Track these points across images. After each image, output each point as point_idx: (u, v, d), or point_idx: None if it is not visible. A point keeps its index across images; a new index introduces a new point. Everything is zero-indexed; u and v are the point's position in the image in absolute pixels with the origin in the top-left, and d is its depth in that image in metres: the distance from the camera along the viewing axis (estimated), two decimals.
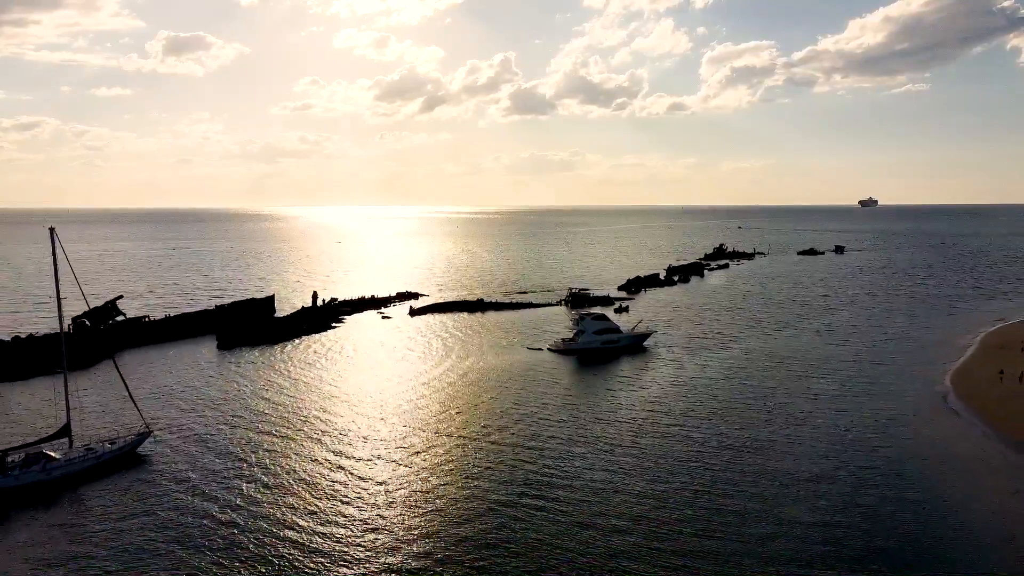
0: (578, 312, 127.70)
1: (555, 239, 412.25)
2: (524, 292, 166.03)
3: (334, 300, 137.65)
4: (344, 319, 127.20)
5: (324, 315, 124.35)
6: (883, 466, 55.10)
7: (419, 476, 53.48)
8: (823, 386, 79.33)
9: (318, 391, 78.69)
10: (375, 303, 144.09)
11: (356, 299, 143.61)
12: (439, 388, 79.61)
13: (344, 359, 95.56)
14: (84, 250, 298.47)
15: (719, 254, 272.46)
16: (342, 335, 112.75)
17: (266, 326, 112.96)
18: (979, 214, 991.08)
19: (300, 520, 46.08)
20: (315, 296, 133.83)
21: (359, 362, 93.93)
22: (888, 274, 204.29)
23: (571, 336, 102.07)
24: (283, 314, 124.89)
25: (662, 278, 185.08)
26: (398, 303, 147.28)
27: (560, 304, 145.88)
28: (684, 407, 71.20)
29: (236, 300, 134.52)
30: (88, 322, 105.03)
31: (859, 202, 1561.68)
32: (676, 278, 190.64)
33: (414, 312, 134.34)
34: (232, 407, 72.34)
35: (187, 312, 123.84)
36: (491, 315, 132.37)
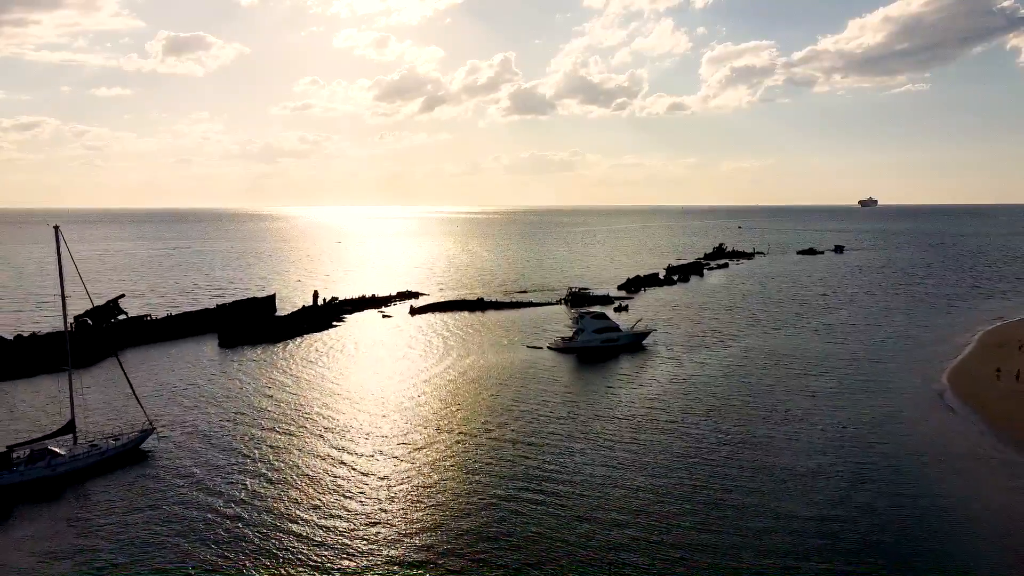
0: (578, 311, 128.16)
1: (555, 239, 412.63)
2: (524, 291, 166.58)
3: (335, 299, 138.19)
4: (345, 318, 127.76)
5: (325, 314, 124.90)
6: (879, 462, 55.67)
7: (420, 471, 54.06)
8: (821, 384, 79.90)
9: (320, 388, 79.25)
10: (376, 302, 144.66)
11: (357, 298, 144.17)
12: (440, 385, 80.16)
13: (345, 357, 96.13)
14: (85, 250, 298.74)
15: (719, 254, 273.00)
16: (343, 334, 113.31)
17: (267, 325, 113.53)
18: (979, 214, 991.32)
19: (303, 514, 46.68)
20: (316, 295, 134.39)
21: (360, 360, 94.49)
22: (887, 273, 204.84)
23: (571, 335, 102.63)
24: (284, 313, 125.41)
25: (662, 277, 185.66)
26: (398, 302, 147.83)
27: (560, 303, 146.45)
28: (683, 404, 71.76)
29: (237, 299, 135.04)
30: (90, 321, 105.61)
31: (859, 202, 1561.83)
32: (676, 277, 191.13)
33: (414, 311, 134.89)
34: (235, 404, 72.89)
35: (188, 311, 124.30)
36: (491, 314, 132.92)
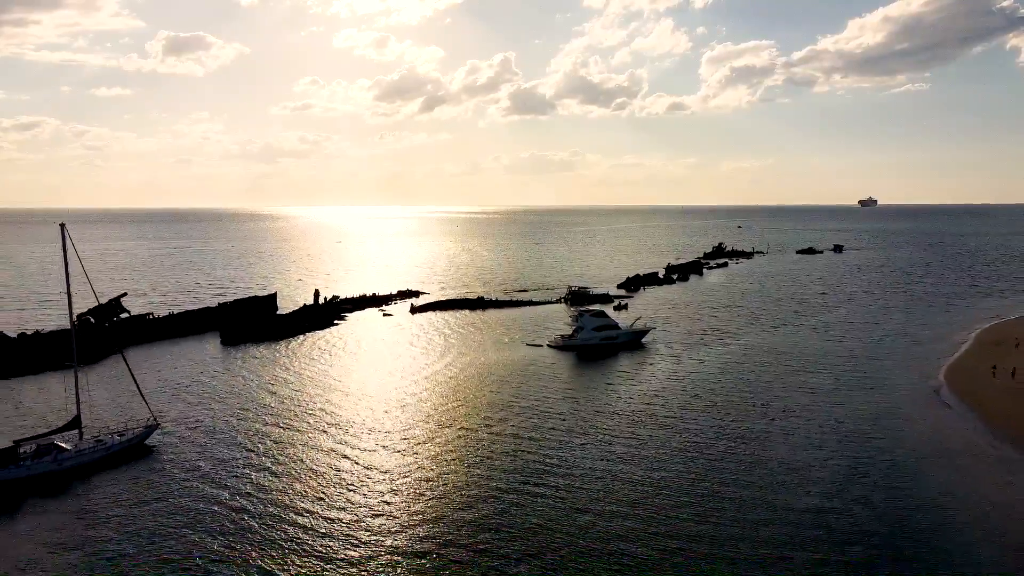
0: (577, 309, 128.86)
1: (555, 238, 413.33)
2: (524, 290, 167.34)
3: (336, 298, 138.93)
4: (346, 317, 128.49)
5: (326, 313, 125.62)
6: (876, 457, 56.41)
7: (422, 465, 54.79)
8: (819, 380, 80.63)
9: (322, 385, 79.97)
10: (376, 301, 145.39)
11: (357, 297, 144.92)
12: (441, 382, 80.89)
13: (347, 355, 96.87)
14: (86, 249, 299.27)
15: (718, 253, 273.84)
16: (344, 332, 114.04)
17: (269, 323, 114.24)
18: (978, 214, 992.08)
19: (308, 505, 47.44)
20: (317, 294, 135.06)
21: (362, 357, 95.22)
22: (886, 272, 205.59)
23: (570, 333, 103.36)
24: (286, 312, 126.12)
25: (661, 276, 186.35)
26: (399, 301, 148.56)
27: (560, 302, 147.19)
28: (681, 400, 72.50)
29: (239, 298, 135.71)
30: (93, 319, 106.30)
31: (859, 202, 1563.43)
32: (675, 276, 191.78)
33: (415, 310, 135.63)
34: (238, 400, 73.62)
35: (191, 309, 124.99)
36: (491, 313, 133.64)
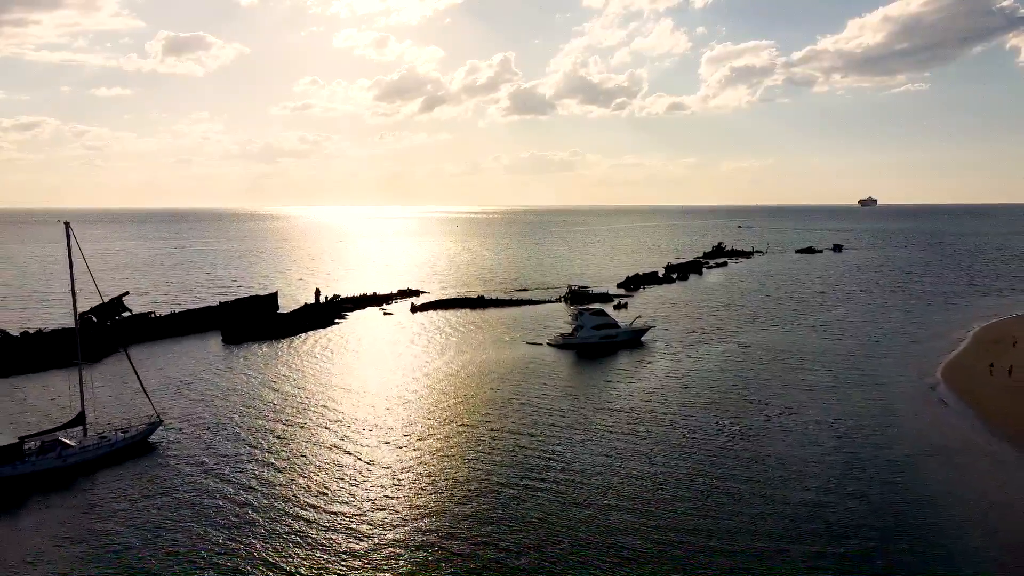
0: (577, 308, 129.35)
1: (555, 238, 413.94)
2: (524, 289, 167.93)
3: (336, 297, 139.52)
4: (347, 315, 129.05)
5: (327, 312, 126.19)
6: (873, 453, 56.97)
7: (423, 460, 55.38)
8: (817, 378, 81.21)
9: (324, 382, 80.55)
10: (377, 300, 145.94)
11: (358, 296, 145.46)
12: (441, 380, 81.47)
13: (348, 353, 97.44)
14: (87, 249, 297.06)
15: (718, 252, 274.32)
16: (345, 331, 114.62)
17: (270, 322, 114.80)
18: (978, 213, 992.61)
19: (311, 500, 48.03)
20: (318, 293, 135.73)
21: (363, 356, 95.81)
22: (885, 272, 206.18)
23: (570, 331, 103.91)
24: (287, 311, 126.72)
25: (661, 276, 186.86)
26: (400, 300, 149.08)
27: (559, 301, 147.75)
28: (680, 397, 73.06)
29: (240, 297, 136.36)
30: (95, 317, 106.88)
31: (859, 202, 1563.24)
32: (675, 276, 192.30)
33: (415, 309, 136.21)
34: (240, 398, 74.20)
35: (192, 308, 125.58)
36: (492, 312, 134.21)
